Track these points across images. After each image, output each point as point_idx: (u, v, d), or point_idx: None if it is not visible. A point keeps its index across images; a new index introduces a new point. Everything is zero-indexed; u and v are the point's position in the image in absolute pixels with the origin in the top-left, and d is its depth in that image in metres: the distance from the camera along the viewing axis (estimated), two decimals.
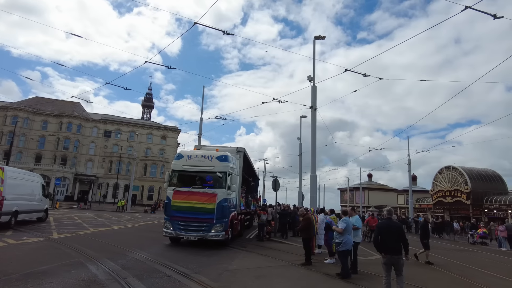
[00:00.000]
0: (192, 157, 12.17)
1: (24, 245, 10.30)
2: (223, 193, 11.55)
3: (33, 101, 59.07)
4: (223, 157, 12.07)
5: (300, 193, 28.67)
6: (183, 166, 12.07)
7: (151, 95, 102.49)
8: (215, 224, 11.22)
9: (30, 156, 56.89)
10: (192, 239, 11.35)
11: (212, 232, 11.19)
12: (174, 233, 11.36)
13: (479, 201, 39.62)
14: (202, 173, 11.95)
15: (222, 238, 11.38)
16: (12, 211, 14.25)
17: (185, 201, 11.35)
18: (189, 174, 12.11)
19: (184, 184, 11.87)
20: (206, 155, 12.14)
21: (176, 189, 11.68)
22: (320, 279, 7.98)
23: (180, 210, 11.35)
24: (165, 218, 11.72)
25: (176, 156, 12.60)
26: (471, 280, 9.02)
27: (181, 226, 11.27)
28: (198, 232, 11.20)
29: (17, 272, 6.74)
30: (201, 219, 11.22)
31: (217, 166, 11.86)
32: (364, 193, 61.97)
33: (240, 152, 15.11)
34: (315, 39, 17.20)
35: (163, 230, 11.65)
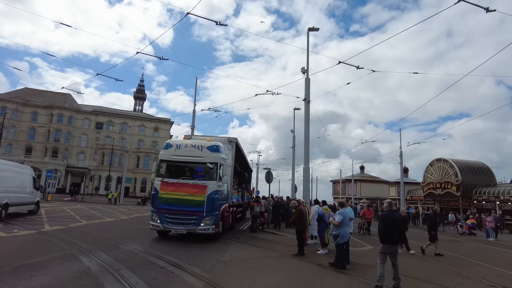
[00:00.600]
0: (181, 146, 11.58)
1: (15, 237, 10.22)
2: (213, 185, 11.08)
3: (22, 92, 57.92)
4: (214, 147, 11.56)
5: (293, 185, 28.85)
6: (172, 156, 11.50)
7: (143, 86, 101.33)
8: (204, 217, 10.81)
9: (20, 148, 56.07)
10: (181, 232, 10.95)
11: (202, 225, 10.78)
12: (162, 226, 10.94)
13: (469, 193, 40.34)
14: (192, 164, 11.40)
15: (212, 232, 10.97)
16: (2, 203, 14.09)
17: (173, 193, 10.88)
18: (178, 164, 11.63)
19: (173, 175, 11.40)
20: (196, 145, 11.56)
21: (164, 180, 11.17)
22: (313, 269, 8.09)
23: (168, 203, 10.89)
24: (152, 211, 11.24)
25: (164, 146, 11.90)
26: (459, 269, 9.24)
27: (169, 219, 10.83)
28: (187, 225, 10.77)
29: (9, 264, 6.70)
30: (190, 212, 10.78)
31: (208, 157, 11.33)
32: (356, 185, 62.58)
33: (232, 142, 14.63)
34: (308, 31, 17.11)
35: (150, 223, 11.22)
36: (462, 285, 7.33)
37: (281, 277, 6.99)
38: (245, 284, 6.28)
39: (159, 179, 11.26)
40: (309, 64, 16.69)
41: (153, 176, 11.58)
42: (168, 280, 6.24)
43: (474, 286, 7.33)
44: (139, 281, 6.03)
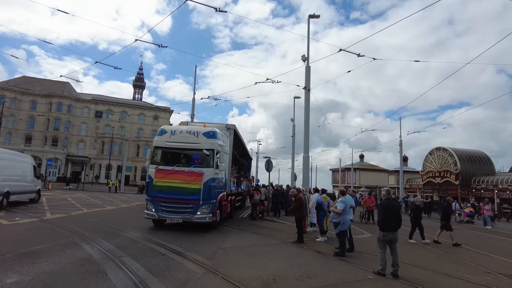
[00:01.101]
0: (176, 132, 11.14)
1: (17, 225, 10.31)
2: (210, 173, 10.70)
3: (20, 81, 57.52)
4: (210, 133, 11.09)
5: (293, 173, 28.98)
6: (166, 142, 11.06)
7: (142, 74, 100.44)
8: (201, 206, 10.48)
9: (20, 137, 56.04)
10: (176, 221, 10.68)
11: (198, 214, 10.46)
12: (157, 215, 10.58)
13: (467, 182, 40.57)
14: (188, 151, 11.03)
15: (209, 221, 10.68)
16: (4, 192, 14.16)
17: (168, 181, 10.52)
18: (173, 151, 11.26)
19: (168, 162, 11.07)
20: (192, 131, 11.12)
21: (159, 167, 10.77)
22: (312, 256, 8.20)
23: (163, 191, 10.53)
24: (147, 199, 10.89)
25: (159, 132, 11.44)
26: (456, 256, 9.37)
27: (164, 207, 10.51)
28: (183, 214, 10.49)
29: (12, 252, 6.78)
30: (186, 200, 10.47)
31: (204, 143, 10.90)
32: (356, 174, 62.88)
33: (230, 129, 14.14)
34: (309, 18, 16.87)
35: (145, 211, 10.89)
36: (458, 272, 7.44)
37: (281, 264, 7.09)
38: (245, 271, 6.36)
39: (153, 166, 10.87)
40: (310, 51, 16.54)
41: (148, 164, 11.18)
42: (169, 267, 6.32)
43: (470, 273, 7.44)
44: (140, 268, 6.11)
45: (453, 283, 6.40)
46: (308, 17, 16.89)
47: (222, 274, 5.95)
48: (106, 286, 5.03)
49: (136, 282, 5.31)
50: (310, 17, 16.87)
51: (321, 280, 6.05)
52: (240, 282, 5.57)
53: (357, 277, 6.47)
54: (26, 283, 4.95)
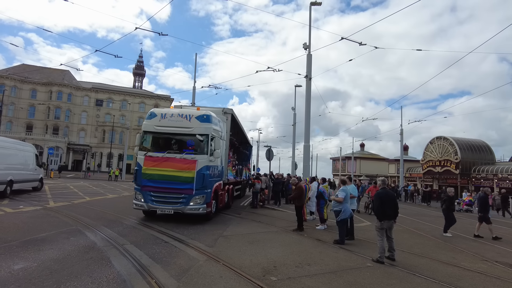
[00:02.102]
0: (166, 116, 10.26)
1: (21, 213, 10.45)
2: (204, 160, 9.93)
3: (20, 69, 57.25)
4: (204, 116, 10.24)
5: (294, 162, 29.09)
6: (156, 126, 10.26)
7: (142, 62, 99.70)
8: (194, 196, 9.74)
9: (21, 126, 56.12)
10: (167, 212, 9.84)
11: (191, 204, 9.74)
12: (146, 206, 9.88)
13: (467, 171, 40.68)
14: (179, 136, 10.29)
15: (203, 212, 9.97)
16: (7, 180, 14.30)
17: (158, 169, 9.77)
18: (163, 136, 10.48)
19: (158, 148, 10.28)
20: (184, 114, 10.25)
21: (148, 154, 10.02)
22: (311, 244, 8.33)
23: (152, 179, 9.79)
24: (136, 188, 10.16)
25: (148, 115, 10.57)
26: (454, 245, 9.50)
27: (154, 197, 9.80)
28: (174, 204, 9.77)
29: (17, 239, 6.91)
30: (178, 190, 9.73)
31: (197, 128, 10.08)
32: (356, 162, 63.04)
33: (227, 113, 13.12)
34: (311, 5, 16.66)
35: (133, 202, 10.15)
36: (455, 259, 7.56)
37: (281, 251, 7.21)
38: (246, 258, 6.49)
39: (142, 153, 10.13)
40: (311, 40, 16.38)
41: (136, 150, 10.51)
42: (171, 254, 6.45)
43: (467, 261, 7.56)
44: (143, 255, 6.24)
45: (449, 271, 6.52)
46: (310, 4, 16.67)
47: (223, 261, 6.07)
48: (110, 272, 5.14)
49: (139, 269, 5.43)
50: (312, 4, 16.66)
51: (321, 267, 6.18)
52: (241, 269, 5.69)
53: (356, 264, 6.60)
54: (32, 270, 5.08)
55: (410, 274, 6.06)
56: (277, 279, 5.29)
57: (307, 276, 5.59)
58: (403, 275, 6.01)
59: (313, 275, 5.68)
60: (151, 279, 4.97)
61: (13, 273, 4.89)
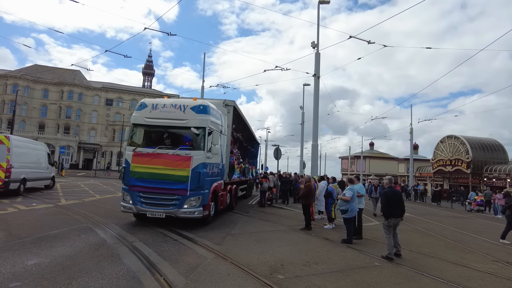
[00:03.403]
0: (158, 107, 9.16)
1: (34, 211, 10.69)
2: (200, 156, 8.79)
3: (32, 69, 58.34)
4: (200, 107, 9.07)
5: (302, 161, 29.05)
6: (146, 118, 9.16)
7: (151, 62, 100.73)
8: (189, 197, 8.62)
9: (33, 125, 57.20)
10: (159, 216, 8.70)
11: (185, 207, 8.63)
12: (135, 208, 8.77)
13: (479, 170, 39.98)
14: (172, 129, 9.25)
15: (199, 216, 8.84)
16: (20, 178, 14.62)
17: (148, 166, 8.67)
18: (154, 130, 9.47)
19: (149, 143, 9.29)
20: (178, 105, 9.12)
21: (137, 150, 8.94)
22: (319, 243, 8.33)
23: (142, 178, 8.70)
24: (123, 188, 9.12)
25: (138, 106, 9.47)
26: (464, 245, 9.38)
27: (144, 199, 8.71)
28: (166, 207, 8.67)
29: (30, 236, 7.09)
30: (170, 190, 8.63)
31: (193, 120, 8.94)
32: (365, 162, 62.53)
33: (229, 106, 11.87)
34: (319, 4, 16.61)
35: (121, 204, 9.15)
36: (465, 260, 7.47)
37: (289, 250, 7.24)
38: (253, 256, 6.53)
39: (131, 148, 9.05)
40: (319, 38, 16.32)
41: (125, 145, 9.41)
42: (180, 252, 6.53)
43: (477, 261, 7.47)
44: (152, 252, 6.33)
45: (459, 271, 6.46)
46: (318, 2, 16.61)
47: (231, 259, 6.12)
48: (120, 269, 5.24)
49: (148, 266, 5.52)
50: (320, 3, 16.60)
51: (328, 266, 6.18)
52: (248, 267, 5.73)
53: (364, 263, 6.58)
54: (45, 265, 5.21)
55: (418, 274, 6.02)
56: (285, 278, 5.32)
57: (314, 274, 5.61)
58: (411, 275, 5.98)
59: (321, 273, 5.69)
60: (159, 276, 5.06)
61: (27, 268, 5.02)
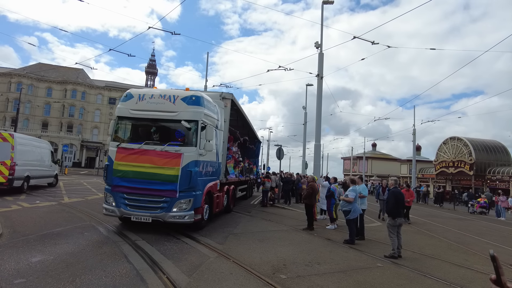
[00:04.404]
0: (145, 97, 8.21)
1: (37, 208, 10.75)
2: (192, 153, 7.87)
3: (36, 68, 58.58)
4: (193, 98, 8.09)
5: (304, 161, 29.03)
6: (131, 111, 8.22)
7: (155, 61, 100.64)
8: (178, 199, 7.72)
9: (37, 123, 57.46)
10: (144, 220, 7.80)
11: (174, 211, 7.73)
12: (118, 211, 7.90)
13: (482, 172, 39.80)
14: (161, 122, 8.30)
15: (190, 220, 7.91)
16: (24, 176, 14.70)
17: (133, 164, 7.74)
18: (140, 123, 8.58)
19: (135, 138, 8.40)
20: (167, 95, 8.17)
21: (121, 145, 8.00)
22: (321, 243, 8.33)
23: (126, 177, 7.78)
24: (106, 189, 8.19)
25: (124, 97, 8.52)
26: (467, 247, 9.35)
27: (128, 201, 7.84)
28: (153, 210, 7.78)
29: (34, 233, 7.13)
30: (158, 192, 7.72)
31: (183, 112, 7.96)
32: (368, 162, 62.37)
33: (227, 99, 10.80)
34: (323, 4, 16.54)
35: (103, 206, 8.24)
36: (468, 262, 7.45)
37: (291, 250, 7.24)
38: (255, 255, 6.54)
39: (115, 144, 8.10)
40: (322, 38, 16.29)
41: (109, 140, 8.43)
42: (182, 251, 6.55)
43: (480, 263, 7.44)
44: (155, 251, 6.36)
45: (461, 273, 6.44)
46: (322, 2, 16.55)
47: (233, 258, 6.14)
48: (123, 267, 5.27)
49: (151, 264, 5.54)
50: (324, 3, 16.53)
51: (330, 267, 6.18)
52: (251, 266, 5.74)
53: (366, 264, 6.58)
54: (49, 262, 5.24)
55: (421, 275, 6.01)
56: (287, 277, 5.33)
57: (316, 274, 5.61)
58: (414, 276, 5.97)
59: (323, 274, 5.69)
60: (162, 274, 5.07)
61: (31, 265, 5.06)
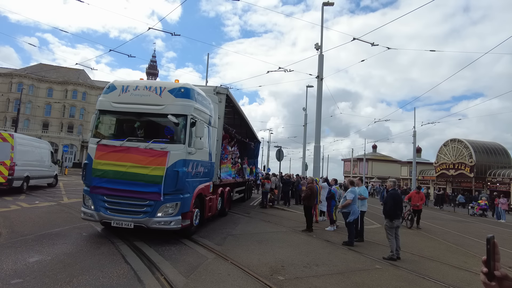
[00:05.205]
0: (129, 89, 7.41)
1: (37, 208, 10.74)
2: (179, 151, 7.10)
3: (37, 68, 58.68)
4: (181, 90, 7.33)
5: (304, 163, 29.01)
6: (114, 104, 7.43)
7: (155, 62, 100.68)
8: (164, 203, 6.93)
9: (37, 123, 57.50)
10: (126, 226, 6.95)
11: (159, 216, 6.93)
12: (97, 215, 7.07)
13: (483, 174, 39.74)
14: (145, 116, 7.51)
15: (176, 227, 7.09)
16: (24, 176, 14.69)
17: (114, 163, 6.99)
18: (123, 117, 7.81)
19: (118, 134, 7.72)
20: (153, 87, 7.41)
21: (102, 142, 7.26)
22: (320, 245, 8.31)
23: (106, 178, 7.00)
24: (84, 190, 7.37)
25: (106, 89, 7.72)
26: (466, 249, 9.33)
27: (108, 204, 7.05)
28: (136, 215, 6.96)
29: (33, 233, 7.12)
30: (141, 194, 6.93)
31: (170, 105, 7.18)
32: (368, 164, 62.31)
33: (221, 94, 10.02)
34: (323, 6, 16.57)
35: (81, 209, 7.42)
36: (467, 264, 7.43)
37: (289, 251, 7.23)
38: (254, 257, 6.53)
39: (95, 140, 7.36)
40: (322, 40, 16.31)
41: (90, 136, 7.66)
42: (180, 252, 6.54)
43: (479, 265, 7.38)
44: (152, 251, 6.35)
45: (460, 275, 6.43)
46: (322, 4, 16.58)
47: (231, 260, 6.12)
48: (120, 268, 5.26)
49: (148, 265, 5.53)
50: (324, 5, 16.56)
51: (329, 268, 6.17)
52: (249, 267, 5.73)
53: (365, 266, 6.56)
54: (47, 263, 5.24)
55: (419, 277, 5.99)
56: (285, 279, 5.31)
57: (314, 276, 5.60)
58: (412, 278, 5.95)
59: (321, 275, 5.68)
60: (160, 275, 5.07)
61: (28, 265, 5.05)
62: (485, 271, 1.14)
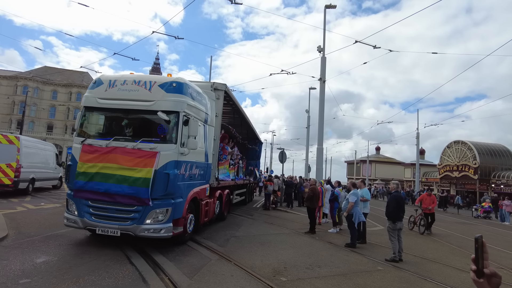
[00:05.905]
0: (116, 84, 6.85)
1: (42, 210, 10.88)
2: (170, 152, 6.50)
3: (42, 71, 59.27)
4: (173, 84, 6.73)
5: (307, 165, 29.02)
6: (100, 100, 6.86)
7: (159, 65, 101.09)
8: (153, 209, 6.32)
9: (42, 126, 58.00)
10: (112, 234, 6.36)
11: (148, 222, 6.32)
12: (80, 222, 6.49)
13: (487, 176, 39.53)
14: (133, 113, 6.93)
15: (167, 235, 6.46)
16: (29, 178, 14.86)
17: (99, 165, 6.39)
18: (110, 115, 7.25)
19: (105, 133, 7.19)
20: (142, 81, 6.80)
21: (86, 142, 6.69)
22: (323, 247, 8.36)
23: (91, 181, 6.38)
24: (68, 194, 6.80)
25: (92, 84, 7.18)
26: (469, 251, 9.31)
27: (93, 209, 6.48)
28: (122, 221, 6.37)
29: (39, 234, 7.24)
30: (128, 199, 6.29)
31: (161, 101, 6.59)
32: (371, 166, 62.16)
33: (219, 90, 9.27)
34: (325, 8, 16.69)
35: (64, 215, 6.80)
36: (470, 266, 7.43)
37: (292, 253, 7.28)
38: (257, 258, 6.59)
39: (79, 140, 6.81)
40: (325, 42, 16.39)
41: (74, 135, 7.15)
42: (184, 253, 6.61)
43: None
44: (157, 253, 6.42)
45: (462, 277, 6.44)
46: (325, 7, 16.69)
47: (235, 261, 6.19)
48: (125, 269, 5.35)
49: (153, 266, 5.62)
50: (326, 7, 16.67)
51: (331, 270, 6.22)
52: (252, 268, 5.79)
53: (367, 267, 6.61)
54: (54, 263, 5.34)
55: (422, 279, 6.03)
56: (287, 280, 5.37)
57: (317, 277, 5.65)
58: (414, 280, 5.99)
59: (323, 277, 5.73)
60: (164, 276, 5.14)
61: (36, 266, 5.15)
62: (474, 269, 1.21)
